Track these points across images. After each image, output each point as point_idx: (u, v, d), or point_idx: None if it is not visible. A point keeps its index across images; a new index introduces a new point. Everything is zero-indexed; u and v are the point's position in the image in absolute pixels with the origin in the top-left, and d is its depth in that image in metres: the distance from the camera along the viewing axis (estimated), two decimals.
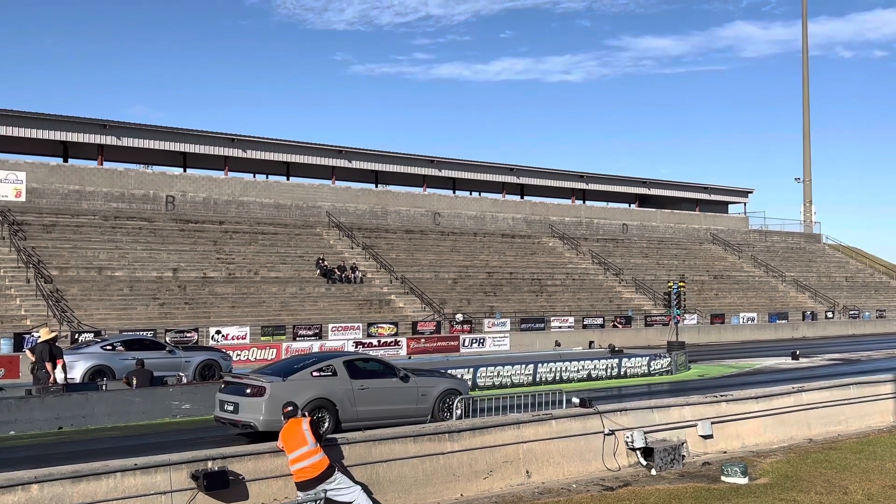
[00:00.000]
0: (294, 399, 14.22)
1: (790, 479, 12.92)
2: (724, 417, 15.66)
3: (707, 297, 57.26)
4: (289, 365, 16.45)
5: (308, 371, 15.61)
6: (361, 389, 15.78)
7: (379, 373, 16.62)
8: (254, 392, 14.93)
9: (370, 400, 15.81)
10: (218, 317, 37.03)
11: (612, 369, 27.39)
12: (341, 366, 15.98)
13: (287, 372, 15.63)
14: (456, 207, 58.40)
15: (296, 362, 16.54)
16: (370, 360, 17.74)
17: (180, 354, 24.35)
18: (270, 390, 14.77)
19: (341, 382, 15.67)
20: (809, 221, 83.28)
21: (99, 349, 23.43)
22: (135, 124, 47.09)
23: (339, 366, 15.95)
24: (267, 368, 16.89)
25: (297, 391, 14.97)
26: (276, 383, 15.01)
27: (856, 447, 15.48)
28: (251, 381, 15.34)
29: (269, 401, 14.61)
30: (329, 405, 15.25)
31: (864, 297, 67.87)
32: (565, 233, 61.04)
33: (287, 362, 17.31)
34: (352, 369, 16.08)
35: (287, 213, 50.31)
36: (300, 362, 16.35)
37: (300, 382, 15.29)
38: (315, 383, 15.39)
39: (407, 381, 16.56)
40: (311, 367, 15.74)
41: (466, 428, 12.81)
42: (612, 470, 13.55)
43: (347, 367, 16.04)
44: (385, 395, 16.13)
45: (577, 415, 13.96)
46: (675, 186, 71.71)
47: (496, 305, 46.46)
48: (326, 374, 15.70)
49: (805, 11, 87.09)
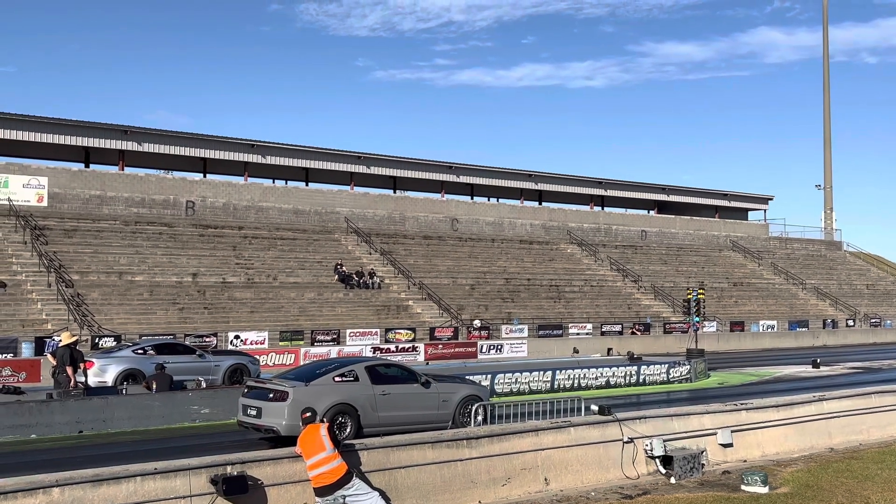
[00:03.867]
0: (316, 404, 14.45)
1: (811, 488, 12.80)
2: (744, 426, 15.53)
3: (727, 305, 56.92)
4: (311, 370, 16.49)
5: (330, 376, 15.66)
6: (383, 395, 15.84)
7: (400, 378, 16.67)
8: (276, 397, 15.00)
9: (392, 405, 15.84)
10: (237, 322, 37.19)
11: (630, 377, 27.28)
12: (363, 371, 16.03)
13: (309, 377, 15.68)
14: (474, 213, 58.42)
15: (318, 367, 16.62)
16: (391, 365, 17.73)
17: (210, 359, 24.68)
18: (293, 395, 14.83)
19: (363, 388, 15.73)
20: (830, 228, 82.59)
21: (131, 353, 23.72)
22: (155, 130, 47.47)
23: (360, 371, 16.00)
24: (289, 373, 16.89)
25: (320, 396, 15.06)
26: (298, 388, 15.06)
27: (877, 456, 15.32)
28: (274, 385, 15.42)
29: (291, 406, 14.66)
30: (351, 410, 15.29)
31: (885, 305, 67.23)
32: (584, 239, 60.89)
33: (309, 367, 17.33)
34: (374, 375, 16.13)
35: (306, 218, 50.52)
36: (322, 367, 16.43)
37: (323, 387, 15.35)
38: (337, 388, 15.48)
39: (428, 387, 16.60)
40: (334, 373, 15.79)
41: (485, 435, 12.77)
42: (630, 478, 13.47)
43: (369, 373, 16.09)
44: (406, 401, 16.15)
45: (596, 422, 13.89)
46: (695, 193, 71.35)
47: (514, 312, 46.39)
48: (349, 379, 15.76)
49: (826, 17, 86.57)
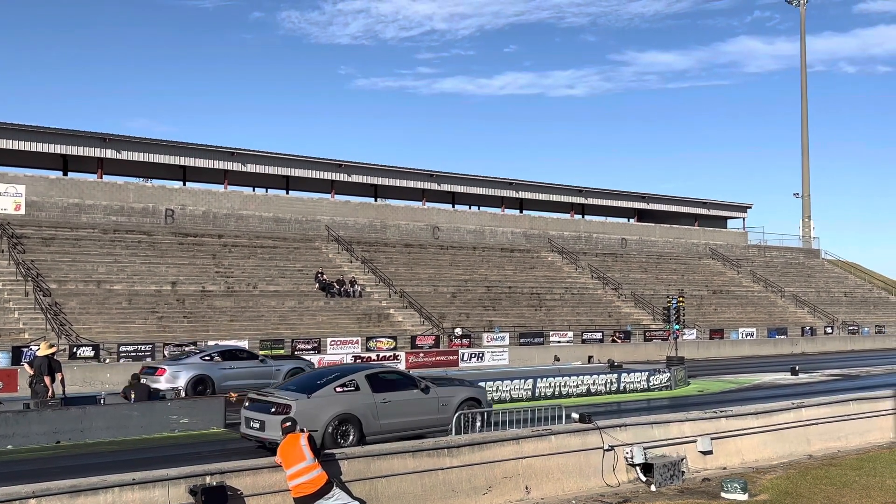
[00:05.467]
0: (319, 416, 15.00)
1: (790, 495, 12.87)
2: (723, 433, 15.61)
3: (706, 312, 57.24)
4: (312, 381, 16.50)
5: (331, 387, 15.77)
6: (384, 403, 16.04)
7: (400, 385, 16.86)
8: (279, 410, 14.92)
9: (393, 412, 16.07)
10: (216, 330, 36.96)
11: (611, 384, 27.35)
12: (363, 380, 16.20)
13: (311, 388, 15.75)
14: (455, 221, 58.47)
15: (318, 377, 16.66)
16: (391, 372, 18.03)
17: (271, 363, 25.91)
18: (296, 408, 14.84)
19: (364, 397, 15.91)
20: (808, 237, 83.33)
21: (199, 360, 24.65)
22: (134, 138, 47.18)
23: (361, 380, 16.16)
24: (290, 384, 16.92)
25: (322, 408, 15.26)
26: (301, 401, 15.14)
27: (856, 463, 15.43)
28: (276, 399, 15.44)
29: (294, 418, 14.43)
30: (353, 420, 15.50)
31: (863, 313, 67.86)
32: (564, 247, 61.08)
33: (309, 377, 17.37)
34: (374, 383, 16.31)
35: (286, 226, 50.37)
36: (322, 377, 16.49)
37: (324, 399, 15.49)
38: (339, 399, 15.63)
39: (427, 392, 16.87)
40: (335, 383, 15.89)
41: (465, 443, 12.75)
42: (611, 486, 13.50)
43: (370, 381, 16.26)
44: (407, 407, 16.37)
45: (577, 430, 13.91)
46: (674, 201, 71.80)
47: (495, 320, 46.42)
48: (349, 389, 15.92)
49: (803, 28, 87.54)
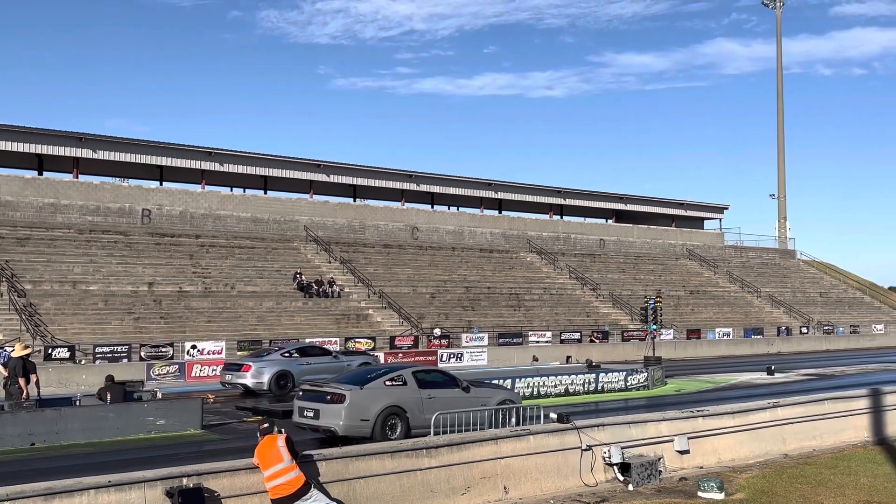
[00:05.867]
0: (371, 406, 16.24)
1: (766, 494, 12.96)
2: (700, 433, 15.68)
3: (683, 313, 57.61)
4: (362, 374, 17.83)
5: (382, 381, 16.97)
6: (429, 398, 17.08)
7: (443, 383, 17.99)
8: (334, 399, 16.16)
9: (436, 408, 16.44)
10: (194, 331, 36.75)
11: (589, 384, 27.45)
12: (410, 376, 17.38)
13: (362, 381, 16.96)
14: (434, 222, 58.47)
15: (368, 372, 17.95)
16: (435, 371, 19.40)
17: (343, 359, 27.91)
18: (350, 398, 16.11)
19: (411, 392, 17.06)
20: (784, 237, 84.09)
21: (279, 356, 26.29)
22: (111, 137, 46.79)
23: (408, 376, 17.34)
24: (342, 377, 18.17)
25: (374, 399, 16.42)
26: (354, 391, 16.34)
27: (830, 462, 15.55)
28: (332, 389, 16.64)
29: (348, 408, 16.07)
30: (401, 412, 16.60)
31: (838, 313, 68.57)
32: (543, 248, 61.25)
33: (359, 372, 18.62)
34: (419, 380, 17.47)
35: (264, 227, 50.16)
36: (372, 372, 17.77)
37: (376, 391, 16.66)
38: (389, 392, 16.77)
39: (468, 392, 17.89)
40: (384, 377, 17.12)
41: (444, 444, 12.73)
42: (589, 485, 13.52)
43: (416, 378, 17.43)
44: (450, 404, 16.89)
45: (555, 430, 13.92)
46: (652, 202, 72.20)
47: (474, 320, 46.46)
48: (398, 383, 17.08)
49: (779, 30, 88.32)
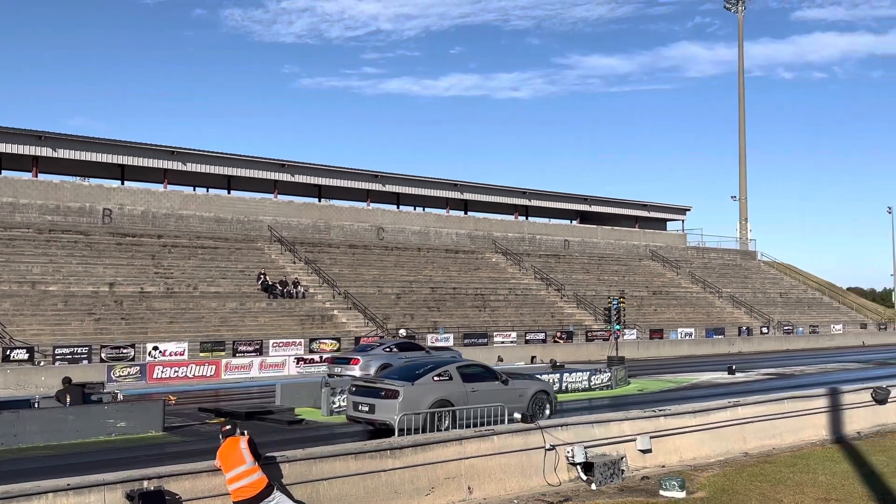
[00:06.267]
0: (422, 400, 17.33)
1: (726, 492, 13.12)
2: (662, 432, 15.82)
3: (646, 313, 58.14)
4: (410, 371, 18.84)
5: (430, 376, 18.14)
6: (473, 391, 18.29)
7: (484, 377, 19.21)
8: (388, 395, 17.40)
9: (479, 400, 17.76)
10: (155, 332, 36.34)
11: (553, 384, 27.55)
12: (455, 371, 18.65)
13: (412, 377, 18.10)
14: (400, 222, 58.39)
15: (416, 368, 18.97)
16: (476, 366, 20.37)
17: (434, 355, 29.33)
18: (404, 393, 17.30)
19: (457, 385, 18.31)
20: (745, 239, 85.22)
21: (381, 351, 28.43)
22: (71, 136, 46.10)
23: (453, 371, 18.61)
24: (391, 374, 19.35)
25: (424, 393, 17.61)
26: (407, 387, 17.48)
27: (790, 461, 15.78)
28: (385, 385, 17.86)
29: (402, 402, 17.09)
30: (448, 405, 17.66)
31: (797, 313, 69.64)
32: (508, 248, 61.45)
33: (407, 368, 19.52)
34: (464, 374, 18.73)
35: (228, 227, 49.74)
36: (420, 368, 18.83)
37: (426, 386, 17.87)
38: (437, 386, 18.01)
39: (507, 384, 19.14)
40: (432, 373, 18.29)
41: (408, 444, 12.72)
42: (552, 485, 13.59)
43: (460, 373, 18.70)
44: (491, 396, 18.11)
45: (519, 430, 13.97)
46: (616, 203, 72.77)
47: (439, 320, 46.48)
48: (445, 378, 18.31)
49: (741, 34, 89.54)
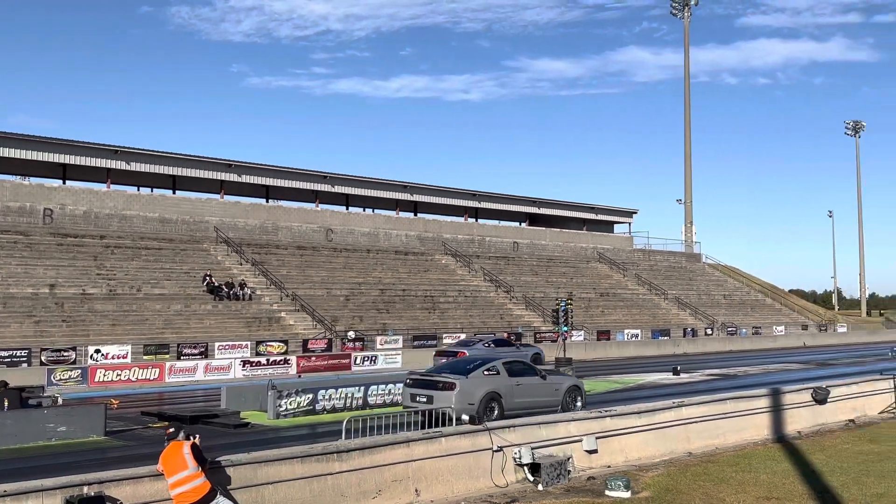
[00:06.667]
0: (475, 392, 19.12)
1: (670, 492, 13.28)
2: (608, 432, 15.96)
3: (594, 314, 58.70)
4: (462, 365, 20.76)
5: (481, 371, 19.92)
6: (517, 385, 20.19)
7: (526, 372, 21.04)
8: (446, 387, 19.11)
9: (523, 393, 20.13)
10: (97, 335, 35.56)
11: None
12: (502, 367, 20.40)
13: (464, 371, 19.91)
14: (349, 224, 58.09)
15: (467, 363, 20.89)
16: (518, 362, 22.12)
17: (523, 349, 33.90)
18: (460, 385, 19.05)
19: (504, 380, 20.05)
20: (690, 241, 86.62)
21: (482, 346, 32.34)
22: (10, 134, 44.92)
23: (500, 367, 20.36)
24: (444, 368, 21.36)
25: (477, 386, 19.39)
26: (462, 380, 19.29)
27: (732, 460, 16.04)
28: (443, 378, 19.65)
29: (458, 394, 18.78)
30: (498, 397, 19.55)
31: (741, 315, 70.97)
32: (458, 250, 61.54)
33: (458, 363, 21.65)
34: (509, 369, 20.47)
35: (173, 227, 48.92)
36: (470, 363, 20.67)
37: (478, 379, 19.62)
38: (488, 380, 19.78)
39: (545, 379, 21.09)
40: (482, 368, 20.06)
41: (356, 447, 12.62)
42: (500, 486, 13.62)
43: (506, 368, 20.45)
44: (532, 390, 20.46)
45: (467, 432, 13.98)
46: (564, 206, 73.40)
47: (389, 322, 46.34)
48: (493, 373, 20.06)
49: (687, 39, 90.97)
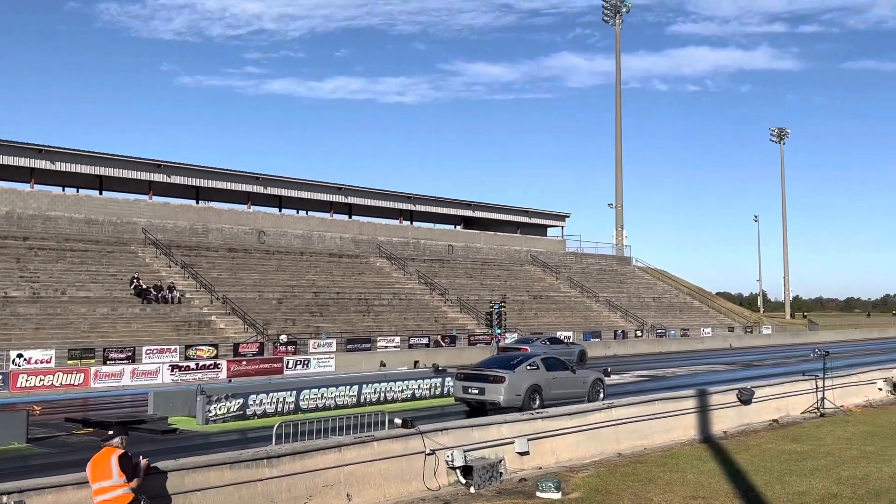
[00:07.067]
0: (521, 384, 21.83)
1: (600, 492, 13.45)
2: (540, 434, 16.08)
3: (527, 317, 59.22)
4: (506, 361, 23.54)
5: (524, 366, 22.60)
6: (553, 379, 22.93)
7: (560, 367, 23.82)
8: (496, 380, 21.80)
9: (558, 385, 22.92)
10: (20, 339, 34.49)
11: (435, 388, 27.65)
12: (541, 362, 23.19)
13: (511, 367, 22.52)
14: (282, 226, 57.47)
15: (510, 360, 23.72)
16: (552, 358, 24.69)
17: (571, 347, 41.16)
18: (509, 378, 21.72)
19: (543, 374, 22.78)
20: (621, 245, 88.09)
21: (540, 343, 37.33)
22: None
23: (539, 362, 23.17)
24: (491, 363, 24.03)
25: (522, 379, 22.07)
26: (509, 374, 21.94)
27: (660, 460, 16.29)
28: (493, 372, 22.26)
29: (507, 386, 21.59)
30: (539, 389, 22.29)
31: (670, 317, 72.41)
32: (393, 253, 61.41)
33: (502, 359, 24.64)
34: (546, 365, 23.18)
35: (99, 229, 47.72)
36: (513, 360, 23.54)
37: (522, 373, 22.31)
38: (530, 374, 22.53)
39: (575, 373, 23.96)
40: (525, 363, 22.79)
41: (286, 453, 12.46)
42: (432, 490, 13.61)
43: (544, 363, 23.19)
44: (565, 383, 23.32)
45: (399, 435, 13.92)
46: (498, 209, 73.90)
47: (322, 326, 45.97)
48: (534, 368, 22.77)
49: (618, 46, 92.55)
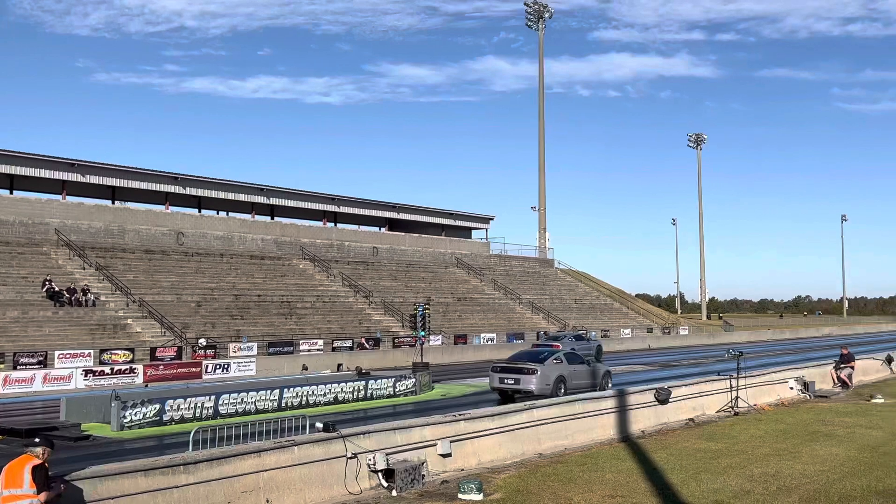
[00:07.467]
0: (550, 375, 25.31)
1: (521, 493, 13.56)
2: (462, 436, 16.13)
3: (451, 319, 59.42)
4: (535, 355, 27.03)
5: (551, 360, 26.14)
6: (574, 371, 26.43)
7: (577, 360, 27.46)
8: (529, 372, 25.30)
9: (577, 377, 26.50)
10: None
11: (358, 391, 27.52)
12: (563, 357, 26.75)
13: (540, 360, 26.02)
14: (201, 227, 56.37)
15: (538, 354, 27.25)
16: (571, 353, 28.27)
17: (592, 342, 46.18)
18: (540, 370, 25.20)
19: (566, 367, 26.25)
20: (544, 247, 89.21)
21: (568, 339, 42.34)
22: None
23: (562, 357, 26.70)
24: (521, 357, 27.44)
25: (551, 371, 25.53)
26: (540, 367, 25.35)
27: (580, 460, 16.52)
28: (526, 365, 25.68)
29: (539, 377, 25.06)
30: (563, 379, 25.76)
31: (591, 318, 73.64)
32: (316, 255, 60.86)
33: (531, 354, 27.76)
34: (567, 359, 26.70)
35: (9, 229, 45.99)
36: (540, 354, 27.05)
37: (551, 366, 25.78)
38: (556, 367, 26.00)
39: (590, 366, 27.70)
40: (551, 358, 26.28)
41: (203, 459, 12.21)
42: (353, 494, 13.51)
43: (566, 358, 26.73)
44: (583, 374, 26.96)
45: (320, 440, 13.78)
46: (423, 212, 73.99)
47: (243, 329, 45.24)
48: (558, 361, 26.25)
49: (541, 51, 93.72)
